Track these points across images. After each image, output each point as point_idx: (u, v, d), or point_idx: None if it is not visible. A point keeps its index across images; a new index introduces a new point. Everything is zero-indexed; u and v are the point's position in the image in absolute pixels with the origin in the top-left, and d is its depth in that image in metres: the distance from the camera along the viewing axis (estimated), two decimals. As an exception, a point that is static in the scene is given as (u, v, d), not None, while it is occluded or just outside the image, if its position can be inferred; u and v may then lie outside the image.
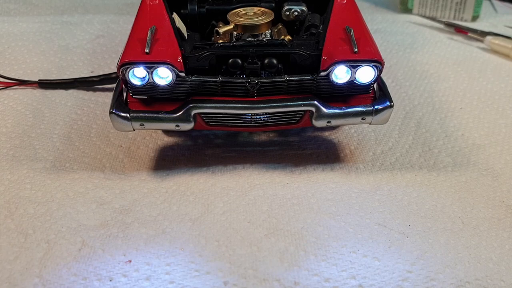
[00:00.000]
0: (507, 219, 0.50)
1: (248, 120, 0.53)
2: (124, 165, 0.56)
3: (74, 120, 0.62)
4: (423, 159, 0.57)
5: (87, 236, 0.47)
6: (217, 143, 0.59)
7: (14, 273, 0.43)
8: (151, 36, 0.51)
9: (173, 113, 0.51)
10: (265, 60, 0.51)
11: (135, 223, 0.48)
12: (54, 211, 0.49)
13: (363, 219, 0.49)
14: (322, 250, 0.46)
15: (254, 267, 0.44)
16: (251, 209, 0.50)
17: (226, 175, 0.55)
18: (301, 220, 0.49)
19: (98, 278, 0.43)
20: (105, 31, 0.85)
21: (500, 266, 0.45)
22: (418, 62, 0.76)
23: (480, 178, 0.55)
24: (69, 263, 0.44)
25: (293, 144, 0.59)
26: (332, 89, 0.52)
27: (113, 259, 0.45)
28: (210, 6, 0.62)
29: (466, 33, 0.84)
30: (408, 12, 0.93)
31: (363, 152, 0.58)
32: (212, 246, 0.46)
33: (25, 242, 0.46)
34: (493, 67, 0.75)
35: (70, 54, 0.77)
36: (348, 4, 0.59)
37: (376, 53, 0.51)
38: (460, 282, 0.43)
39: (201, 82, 0.51)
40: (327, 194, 0.52)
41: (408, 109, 0.66)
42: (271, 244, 0.46)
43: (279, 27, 0.60)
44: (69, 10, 0.92)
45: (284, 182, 0.54)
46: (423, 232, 0.48)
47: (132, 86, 0.51)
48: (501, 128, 0.62)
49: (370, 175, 0.55)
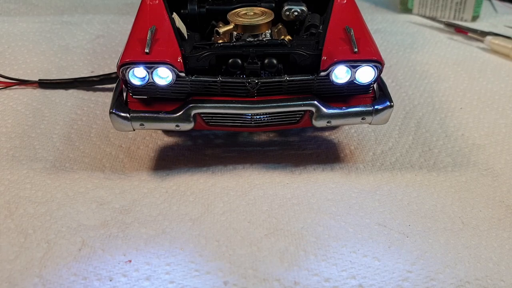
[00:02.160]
0: (507, 219, 0.50)
1: (248, 120, 0.53)
2: (124, 165, 0.56)
3: (74, 120, 0.62)
4: (423, 159, 0.57)
5: (87, 236, 0.47)
6: (217, 143, 0.59)
7: (14, 273, 0.43)
8: (151, 36, 0.51)
9: (173, 113, 0.51)
10: (265, 60, 0.51)
11: (135, 223, 0.48)
12: (54, 211, 0.49)
13: (363, 219, 0.49)
14: (322, 250, 0.46)
15: (254, 267, 0.44)
16: (251, 209, 0.50)
17: (226, 175, 0.55)
18: (301, 220, 0.49)
19: (98, 278, 0.43)
20: (105, 31, 0.85)
21: (500, 266, 0.45)
22: (418, 62, 0.76)
23: (480, 178, 0.55)
24: (69, 263, 0.44)
25: (293, 144, 0.59)
26: (332, 89, 0.52)
27: (113, 259, 0.45)
28: (210, 6, 0.62)
29: (466, 33, 0.84)
30: (408, 12, 0.93)
31: (363, 152, 0.58)
32: (212, 246, 0.46)
33: (25, 242, 0.46)
34: (493, 67, 0.75)
35: (70, 54, 0.77)
36: (348, 4, 0.59)
37: (376, 53, 0.51)
38: (460, 282, 0.43)
39: (201, 82, 0.51)
40: (327, 194, 0.52)
41: (408, 109, 0.66)
42: (271, 244, 0.46)
43: (279, 27, 0.60)
44: (69, 10, 0.92)
45: (284, 182, 0.54)
46: (423, 232, 0.48)
47: (132, 86, 0.51)
48: (501, 128, 0.62)
49: (370, 175, 0.55)
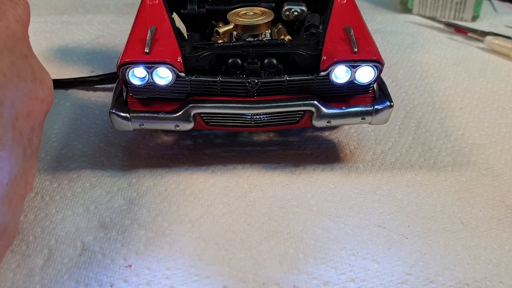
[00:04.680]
0: (506, 219, 0.50)
1: (248, 120, 0.53)
2: (123, 162, 0.56)
3: (74, 120, 0.62)
4: (423, 159, 0.57)
5: (86, 240, 0.47)
6: (217, 142, 0.59)
7: (17, 281, 0.43)
8: (151, 36, 0.51)
9: (173, 113, 0.51)
10: (265, 60, 0.51)
11: (134, 224, 0.48)
12: (53, 215, 0.49)
13: (362, 221, 0.49)
14: (321, 253, 0.46)
15: (253, 271, 0.44)
16: (250, 211, 0.50)
17: (225, 175, 0.54)
18: (300, 222, 0.49)
19: (99, 284, 0.43)
20: (105, 31, 0.85)
21: (499, 268, 0.45)
22: (418, 62, 0.76)
23: (480, 178, 0.55)
24: (70, 269, 0.44)
25: (293, 144, 0.59)
26: (332, 89, 0.52)
27: (113, 264, 0.44)
28: (210, 6, 0.61)
29: (466, 33, 0.84)
30: (408, 12, 0.93)
31: (363, 152, 0.58)
32: (212, 249, 0.46)
33: (27, 249, 0.46)
34: (493, 67, 0.75)
35: (70, 54, 0.77)
36: (348, 4, 0.59)
37: (376, 53, 0.51)
38: (459, 284, 0.43)
39: (201, 82, 0.51)
40: (326, 195, 0.52)
41: (408, 109, 0.66)
42: (271, 247, 0.46)
43: (279, 27, 0.60)
44: (69, 10, 0.92)
45: (284, 183, 0.54)
46: (423, 233, 0.48)
47: (132, 86, 0.51)
48: (501, 128, 0.62)
49: (370, 175, 0.55)
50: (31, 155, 0.43)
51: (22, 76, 0.41)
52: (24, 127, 0.41)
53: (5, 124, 0.38)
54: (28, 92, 0.41)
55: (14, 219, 0.43)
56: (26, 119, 0.41)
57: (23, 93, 0.41)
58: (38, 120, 0.43)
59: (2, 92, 0.38)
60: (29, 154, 0.42)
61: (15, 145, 0.40)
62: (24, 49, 0.42)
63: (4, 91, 0.38)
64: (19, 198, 0.43)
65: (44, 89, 0.43)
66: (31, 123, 0.42)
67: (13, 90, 0.39)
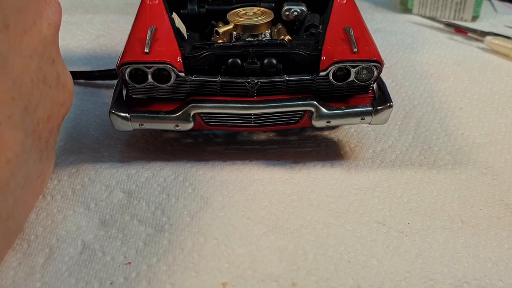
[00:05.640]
0: (506, 218, 0.50)
1: (247, 120, 0.53)
2: (122, 154, 0.56)
3: (73, 120, 0.63)
4: (423, 157, 0.57)
5: (87, 239, 0.47)
6: (217, 141, 0.59)
7: (18, 279, 0.43)
8: (151, 36, 0.51)
9: (173, 113, 0.51)
10: (264, 60, 0.51)
11: (134, 220, 0.48)
12: (54, 214, 0.49)
13: (362, 217, 0.49)
14: (321, 249, 0.46)
15: (252, 268, 0.44)
16: (250, 205, 0.50)
17: (225, 169, 0.54)
18: (300, 217, 0.49)
19: (99, 281, 0.43)
20: (105, 31, 0.85)
21: (498, 266, 0.45)
22: (418, 62, 0.76)
23: (480, 177, 0.55)
24: (71, 267, 0.44)
25: (293, 142, 0.59)
26: (331, 89, 0.52)
27: (113, 262, 0.45)
28: (210, 6, 0.62)
29: (466, 33, 0.84)
30: (408, 12, 0.93)
31: (363, 149, 0.58)
32: (211, 244, 0.46)
33: (28, 248, 0.46)
34: (493, 67, 0.75)
35: (70, 54, 0.77)
36: (348, 4, 0.59)
37: (376, 53, 0.51)
38: (459, 282, 0.43)
39: (201, 82, 0.51)
40: (326, 190, 0.52)
41: (408, 109, 0.66)
42: (270, 242, 0.46)
43: (278, 27, 0.60)
44: (69, 10, 0.92)
45: (284, 178, 0.53)
46: (422, 230, 0.48)
47: (132, 86, 0.51)
48: (501, 128, 0.62)
49: (370, 172, 0.55)
50: (48, 155, 0.43)
51: (47, 81, 0.40)
52: (43, 131, 0.40)
53: (26, 129, 0.38)
54: (50, 97, 0.41)
55: (20, 219, 0.42)
56: (46, 123, 0.41)
57: (46, 99, 0.40)
58: (57, 123, 0.43)
59: (27, 99, 0.37)
60: (45, 156, 0.42)
61: (34, 149, 0.39)
62: (52, 53, 0.41)
63: (29, 98, 0.38)
64: (34, 198, 0.43)
65: (65, 93, 0.43)
66: (50, 126, 0.41)
67: (38, 96, 0.39)
